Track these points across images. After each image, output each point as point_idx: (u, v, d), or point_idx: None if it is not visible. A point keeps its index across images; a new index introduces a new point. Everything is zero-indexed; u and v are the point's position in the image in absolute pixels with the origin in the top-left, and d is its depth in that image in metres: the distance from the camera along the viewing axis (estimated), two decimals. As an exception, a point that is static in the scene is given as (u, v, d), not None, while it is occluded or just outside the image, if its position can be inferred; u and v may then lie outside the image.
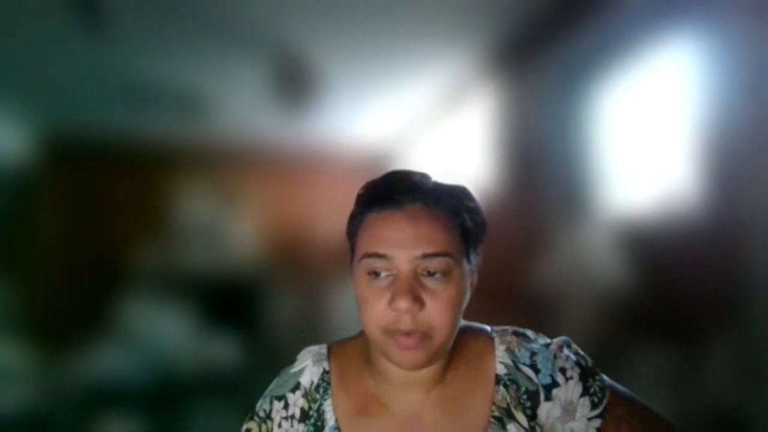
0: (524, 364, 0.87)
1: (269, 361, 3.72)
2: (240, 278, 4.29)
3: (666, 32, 2.22)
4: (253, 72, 3.32)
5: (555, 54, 2.83)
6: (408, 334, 0.79)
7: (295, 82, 3.36)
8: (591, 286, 2.59)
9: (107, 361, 3.61)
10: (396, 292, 0.78)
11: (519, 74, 3.20)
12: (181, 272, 4.18)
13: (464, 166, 3.58)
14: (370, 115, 4.08)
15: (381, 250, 0.80)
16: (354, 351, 0.89)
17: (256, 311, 4.19)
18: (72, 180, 4.18)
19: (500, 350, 0.88)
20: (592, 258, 2.61)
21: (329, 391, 0.87)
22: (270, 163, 4.44)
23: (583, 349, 0.90)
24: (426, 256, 0.79)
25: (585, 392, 0.86)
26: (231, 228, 4.54)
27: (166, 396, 3.58)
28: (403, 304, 0.77)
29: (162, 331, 3.83)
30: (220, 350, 3.87)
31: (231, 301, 4.07)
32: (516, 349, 0.88)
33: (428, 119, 4.04)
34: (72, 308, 3.84)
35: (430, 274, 0.80)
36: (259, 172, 4.50)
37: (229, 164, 4.30)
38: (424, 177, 0.86)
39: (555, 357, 0.87)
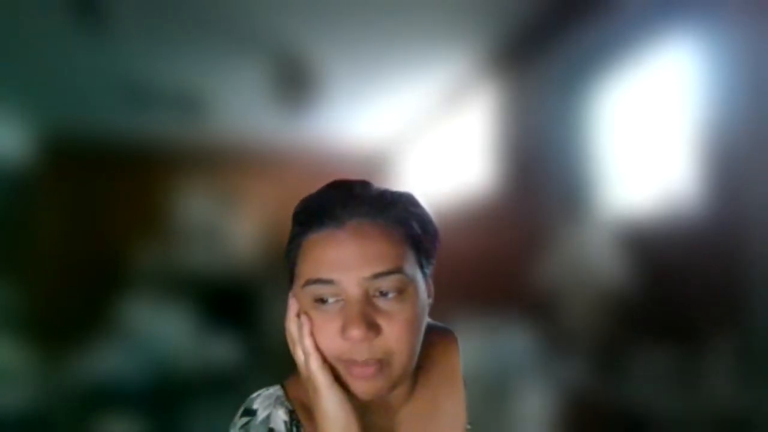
0: None
1: (269, 361, 3.72)
2: (240, 278, 4.29)
3: (666, 32, 2.22)
4: (253, 72, 3.32)
5: (555, 54, 2.83)
6: (364, 363, 0.72)
7: (295, 82, 3.36)
8: (591, 286, 2.59)
9: (107, 361, 3.61)
10: (347, 321, 0.71)
11: (519, 74, 3.20)
12: (181, 272, 4.18)
13: (464, 167, 3.58)
14: (370, 115, 4.08)
15: (325, 275, 0.72)
16: None
17: (256, 311, 4.19)
18: (72, 180, 4.18)
19: None
20: (592, 258, 2.61)
21: (302, 430, 0.80)
22: (270, 163, 4.44)
23: (583, 349, 0.90)
24: (376, 276, 0.72)
25: None
26: (231, 228, 4.54)
27: (166, 396, 3.58)
28: (356, 332, 0.71)
29: (162, 331, 3.83)
30: (220, 350, 3.87)
31: (231, 301, 4.06)
32: None
33: (428, 119, 4.04)
34: (72, 308, 3.84)
35: (383, 293, 0.73)
36: (259, 172, 4.49)
37: (229, 164, 4.30)
38: (364, 187, 0.78)
39: None
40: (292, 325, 0.77)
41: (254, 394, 0.83)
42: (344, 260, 0.73)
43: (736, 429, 1.92)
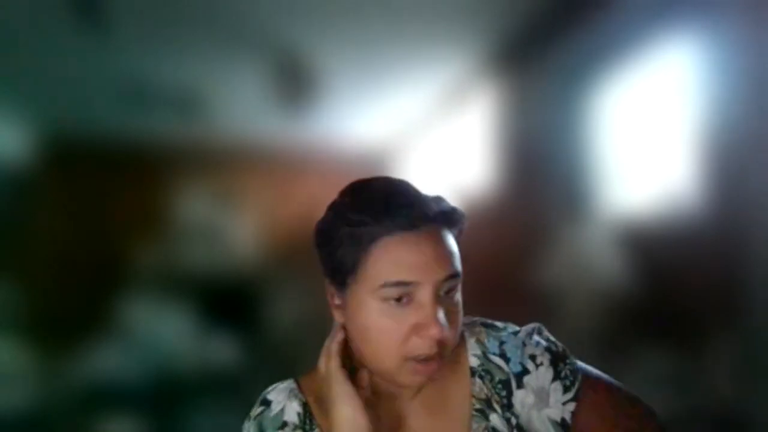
0: (493, 353, 0.87)
1: (269, 361, 3.72)
2: (240, 278, 4.29)
3: (666, 32, 2.22)
4: (253, 72, 3.32)
5: (555, 54, 2.83)
6: (427, 361, 0.78)
7: (295, 82, 3.36)
8: (591, 286, 2.59)
9: (107, 361, 3.61)
10: (428, 321, 0.76)
11: (519, 74, 3.20)
12: (182, 272, 4.18)
13: (464, 166, 3.58)
14: (371, 115, 4.08)
15: (407, 278, 0.76)
16: None
17: (256, 311, 4.19)
18: (72, 180, 4.18)
19: (471, 342, 0.88)
20: (593, 258, 2.61)
21: (315, 422, 0.85)
22: (270, 163, 4.44)
23: (583, 349, 0.91)
24: (448, 278, 0.78)
25: (556, 377, 0.86)
26: (231, 228, 4.54)
27: (166, 396, 3.57)
28: (437, 331, 0.76)
29: (162, 331, 3.83)
30: (220, 350, 3.87)
31: (231, 301, 4.06)
32: (485, 340, 0.88)
33: (429, 119, 4.04)
34: (72, 308, 3.83)
35: (446, 293, 0.78)
36: (259, 172, 4.49)
37: (229, 164, 4.29)
38: (417, 189, 0.84)
39: (524, 344, 0.87)
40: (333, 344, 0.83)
41: (269, 388, 0.88)
42: (424, 263, 0.76)
43: (736, 429, 1.92)
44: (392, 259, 0.76)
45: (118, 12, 2.77)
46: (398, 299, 0.77)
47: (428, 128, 4.10)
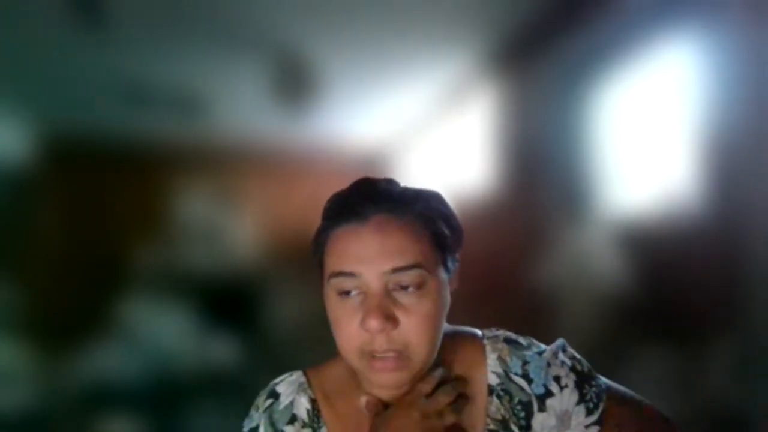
0: (516, 374, 0.83)
1: (269, 361, 3.72)
2: (240, 278, 4.29)
3: (666, 32, 2.22)
4: (254, 72, 3.32)
5: (555, 54, 2.83)
6: (384, 358, 0.75)
7: (295, 83, 3.36)
8: (591, 286, 2.59)
9: (107, 361, 3.61)
10: (366, 312, 0.75)
11: (519, 74, 3.20)
12: (181, 272, 4.18)
13: (464, 167, 3.58)
14: (371, 116, 4.08)
15: (348, 268, 0.76)
16: (337, 373, 0.86)
17: (256, 311, 4.19)
18: (72, 180, 4.18)
19: (492, 359, 0.84)
20: (592, 258, 2.61)
21: (322, 419, 0.84)
22: (270, 163, 4.44)
23: (582, 350, 0.89)
24: (396, 270, 0.75)
25: (581, 400, 0.83)
26: (231, 228, 4.54)
27: (166, 396, 3.58)
28: (374, 323, 0.74)
29: (162, 331, 3.83)
30: (220, 350, 3.87)
31: (231, 301, 4.07)
32: (507, 358, 0.84)
33: (428, 120, 4.04)
34: (72, 308, 3.83)
35: (403, 287, 0.76)
36: (259, 172, 4.49)
37: (229, 164, 4.29)
38: (390, 183, 0.82)
39: (549, 365, 0.84)
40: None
41: (277, 379, 0.87)
42: (366, 254, 0.75)
43: (736, 429, 1.92)
44: (337, 251, 0.78)
45: (118, 12, 2.77)
46: (348, 292, 0.76)
47: (428, 128, 4.10)
